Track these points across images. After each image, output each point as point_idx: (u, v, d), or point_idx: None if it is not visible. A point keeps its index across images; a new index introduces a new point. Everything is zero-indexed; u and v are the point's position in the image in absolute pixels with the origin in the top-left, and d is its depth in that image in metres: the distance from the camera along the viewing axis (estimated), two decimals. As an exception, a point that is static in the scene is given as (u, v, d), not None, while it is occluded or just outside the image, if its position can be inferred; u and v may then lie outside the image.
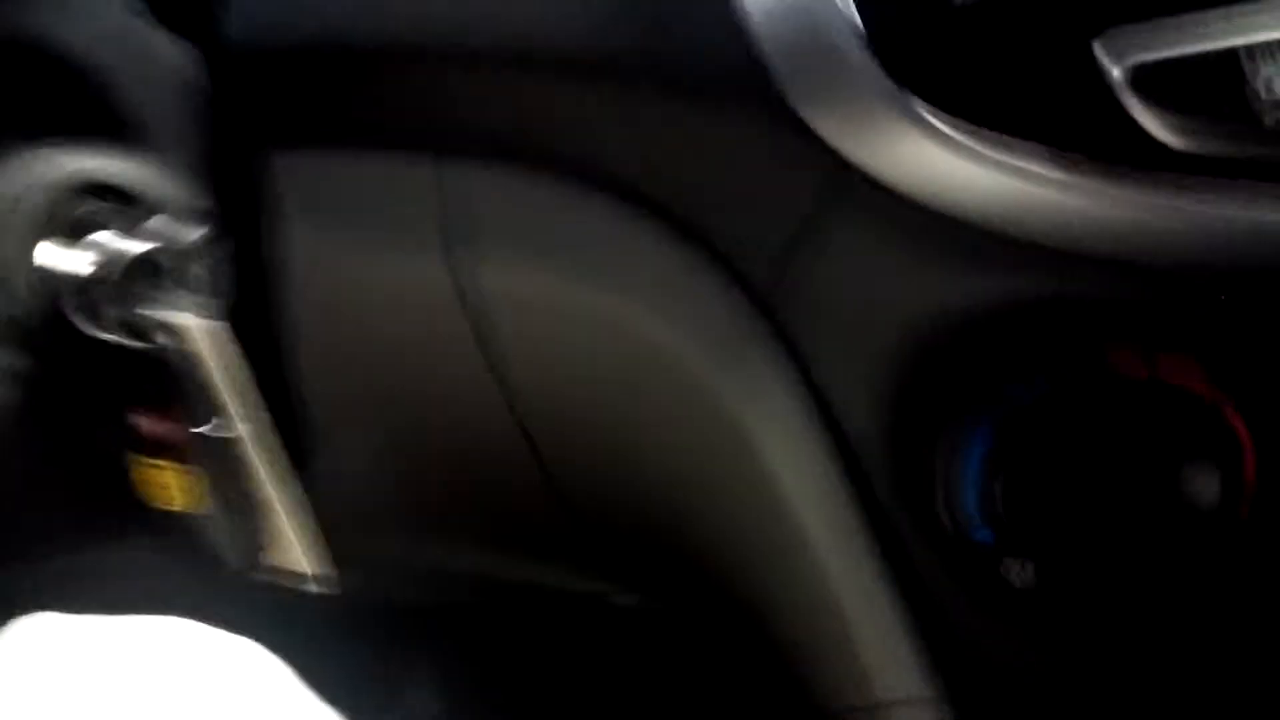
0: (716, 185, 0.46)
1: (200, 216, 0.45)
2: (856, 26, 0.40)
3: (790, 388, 0.46)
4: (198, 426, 0.44)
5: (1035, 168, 0.38)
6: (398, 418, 0.52)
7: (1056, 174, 0.38)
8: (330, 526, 0.51)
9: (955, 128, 0.39)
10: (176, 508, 0.45)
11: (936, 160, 0.40)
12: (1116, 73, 0.37)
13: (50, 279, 0.44)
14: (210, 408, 0.44)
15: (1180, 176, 0.37)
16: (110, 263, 0.44)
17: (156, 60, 0.47)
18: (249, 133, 0.49)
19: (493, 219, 0.48)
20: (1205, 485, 0.40)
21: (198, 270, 0.47)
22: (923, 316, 0.42)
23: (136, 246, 0.44)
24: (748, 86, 0.43)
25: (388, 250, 0.49)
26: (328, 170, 0.49)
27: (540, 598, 0.65)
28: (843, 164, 0.42)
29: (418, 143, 0.49)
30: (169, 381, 0.44)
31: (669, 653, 0.68)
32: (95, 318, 0.44)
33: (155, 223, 0.44)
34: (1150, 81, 0.37)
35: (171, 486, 0.44)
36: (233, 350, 0.44)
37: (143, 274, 0.45)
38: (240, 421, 0.44)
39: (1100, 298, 0.40)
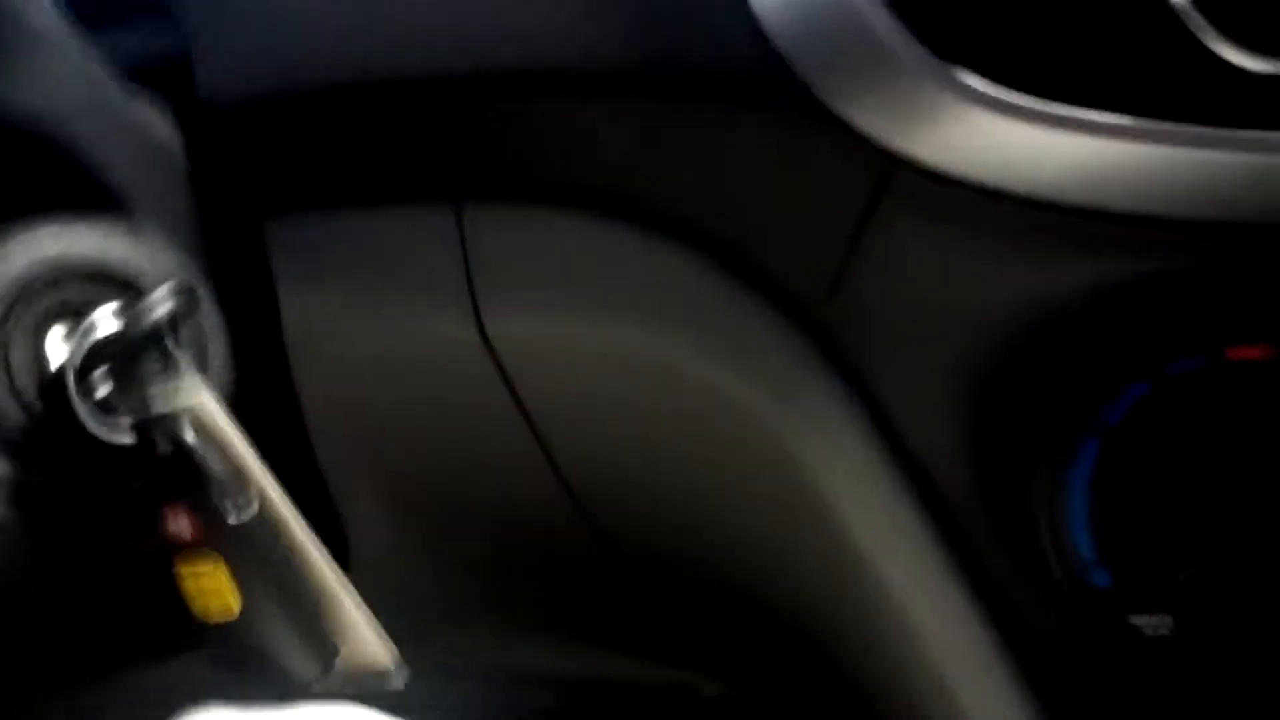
0: (755, 204, 0.41)
1: (196, 291, 0.42)
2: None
3: (858, 422, 0.41)
4: (233, 518, 0.40)
5: (1115, 121, 0.33)
6: (435, 495, 0.48)
7: (1140, 125, 0.32)
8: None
9: (1016, 94, 0.34)
10: (233, 614, 0.41)
11: (1000, 134, 0.35)
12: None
13: (51, 380, 0.41)
14: (243, 494, 0.40)
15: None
16: (105, 348, 0.40)
17: (132, 129, 0.45)
18: (243, 198, 0.47)
19: (521, 266, 0.44)
20: None
21: (200, 344, 0.44)
22: (1002, 318, 0.37)
23: (129, 328, 0.40)
24: (775, 91, 0.39)
25: (410, 311, 0.46)
26: (333, 231, 0.46)
27: (622, 694, 0.60)
28: (893, 159, 0.37)
29: (432, 191, 0.45)
30: (193, 480, 0.40)
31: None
32: (105, 414, 0.40)
33: (150, 301, 0.41)
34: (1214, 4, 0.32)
35: (224, 590, 0.41)
36: (227, 423, 0.40)
37: (143, 357, 0.42)
38: (277, 504, 0.40)
39: (1208, 270, 0.34)
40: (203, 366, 0.43)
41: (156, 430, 0.40)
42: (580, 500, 0.46)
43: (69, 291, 0.42)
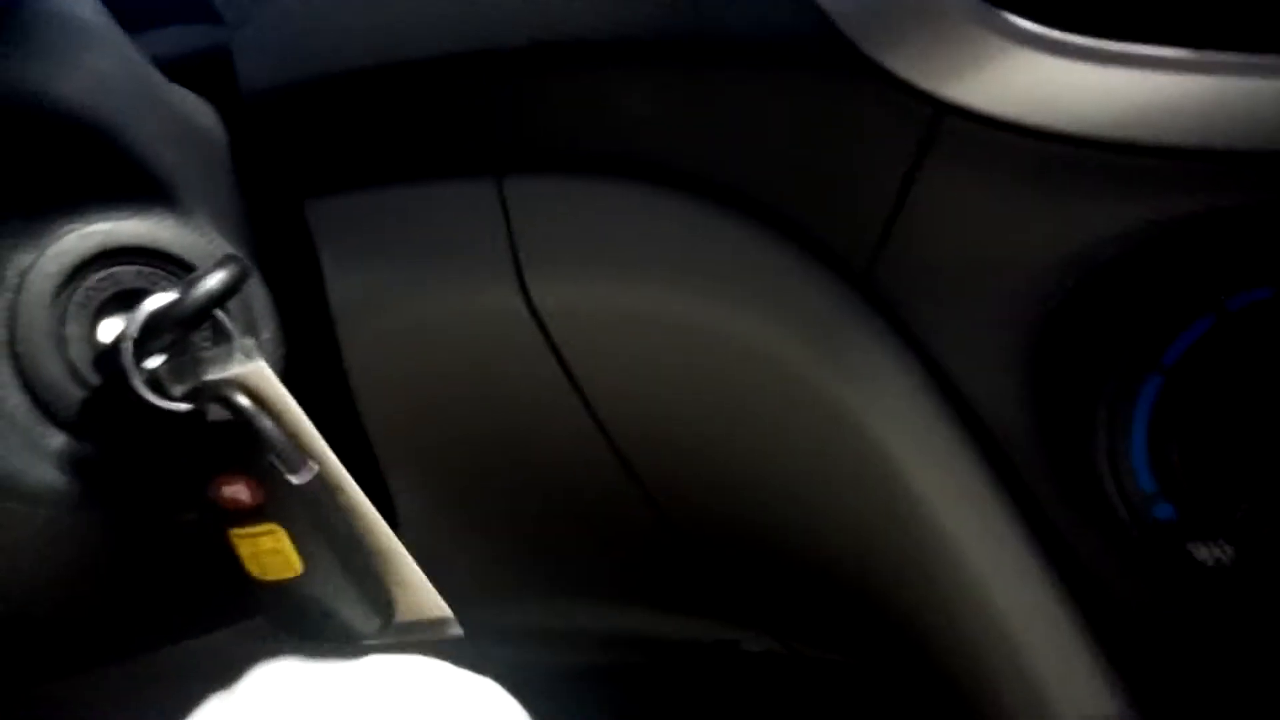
0: (801, 164, 0.41)
1: (244, 266, 0.43)
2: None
3: (913, 378, 0.41)
4: (275, 482, 0.41)
5: (1169, 54, 0.33)
6: (482, 462, 0.49)
7: (1195, 56, 0.32)
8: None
9: (1064, 33, 0.34)
10: (293, 574, 0.42)
11: (1050, 73, 0.35)
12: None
13: (106, 352, 0.42)
14: (302, 457, 0.41)
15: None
16: (157, 325, 0.41)
17: (176, 118, 0.46)
18: (286, 181, 0.47)
19: (565, 234, 0.44)
20: None
21: (250, 321, 0.45)
22: (1057, 262, 0.37)
23: (182, 304, 0.41)
24: (818, 48, 0.39)
25: (455, 283, 0.46)
26: (375, 208, 0.46)
27: (667, 651, 0.60)
28: (940, 107, 0.37)
29: (473, 165, 0.45)
30: (249, 445, 0.41)
31: (809, 700, 0.62)
32: (160, 389, 0.41)
33: (201, 276, 0.42)
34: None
35: (286, 551, 0.41)
36: (283, 391, 0.41)
37: (196, 333, 0.42)
38: (316, 463, 0.41)
39: (1268, 202, 0.34)
40: (250, 347, 0.43)
41: (212, 398, 0.41)
42: (629, 463, 0.47)
43: (120, 273, 0.43)
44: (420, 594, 0.42)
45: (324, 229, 0.46)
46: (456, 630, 0.42)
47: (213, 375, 0.41)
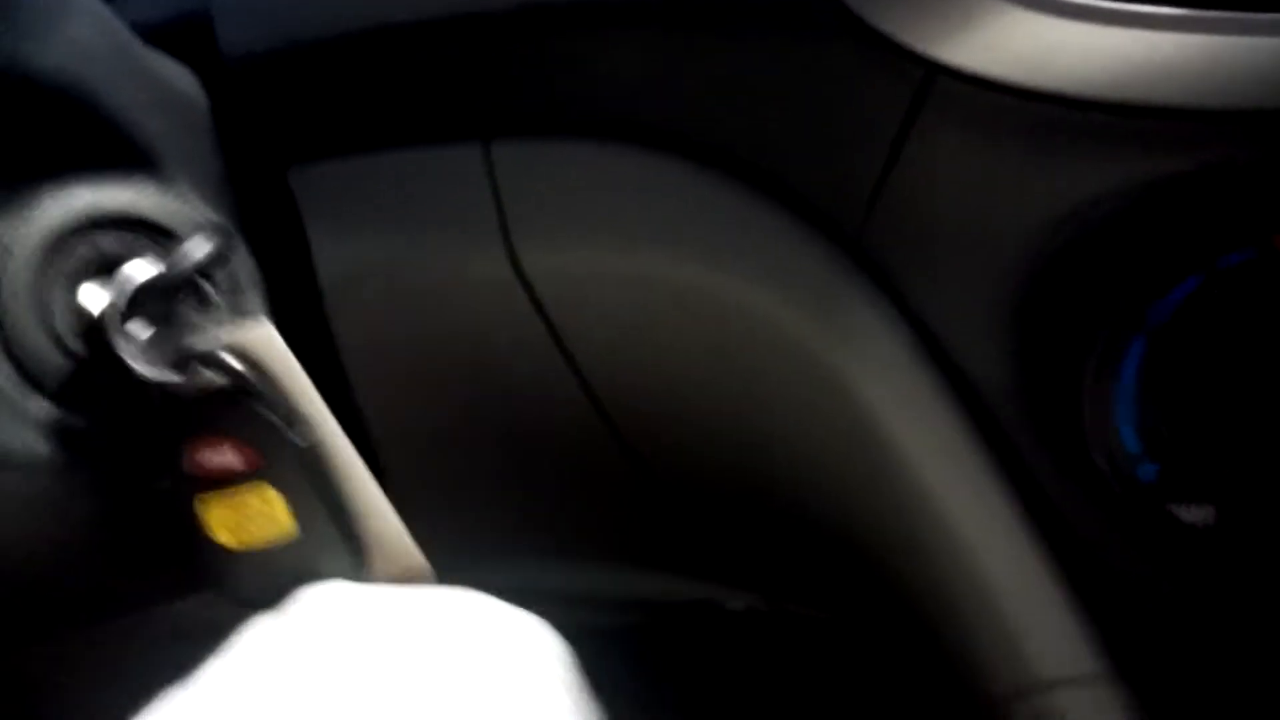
0: (791, 126, 0.41)
1: (230, 235, 0.42)
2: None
3: (901, 338, 0.41)
4: (274, 445, 0.41)
5: (1161, 12, 0.33)
6: (474, 428, 0.48)
7: (1186, 14, 0.33)
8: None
9: None
10: (280, 534, 0.42)
11: (1043, 32, 0.35)
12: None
13: (89, 321, 0.42)
14: (281, 426, 0.41)
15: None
16: (145, 294, 0.41)
17: (158, 86, 0.45)
18: (270, 148, 0.46)
19: (553, 198, 0.44)
20: None
21: (235, 288, 0.45)
22: (1047, 222, 0.37)
23: (169, 273, 0.41)
24: (807, 8, 0.39)
25: (443, 249, 0.46)
26: (360, 175, 0.46)
27: (648, 611, 0.61)
28: (931, 67, 0.37)
29: (459, 130, 0.45)
30: (242, 409, 0.41)
31: (789, 656, 0.63)
32: (145, 356, 0.41)
33: (187, 244, 0.41)
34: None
35: (274, 512, 0.41)
36: (289, 354, 0.41)
37: (182, 301, 0.42)
38: (319, 424, 0.41)
39: (1258, 161, 0.34)
40: (239, 309, 0.43)
41: (207, 365, 0.41)
42: (616, 425, 0.47)
43: (103, 241, 0.43)
44: (396, 550, 0.42)
45: (310, 196, 0.46)
46: (430, 581, 0.43)
47: (202, 343, 0.41)
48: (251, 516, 0.42)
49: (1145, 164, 0.35)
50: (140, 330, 0.42)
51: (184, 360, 0.41)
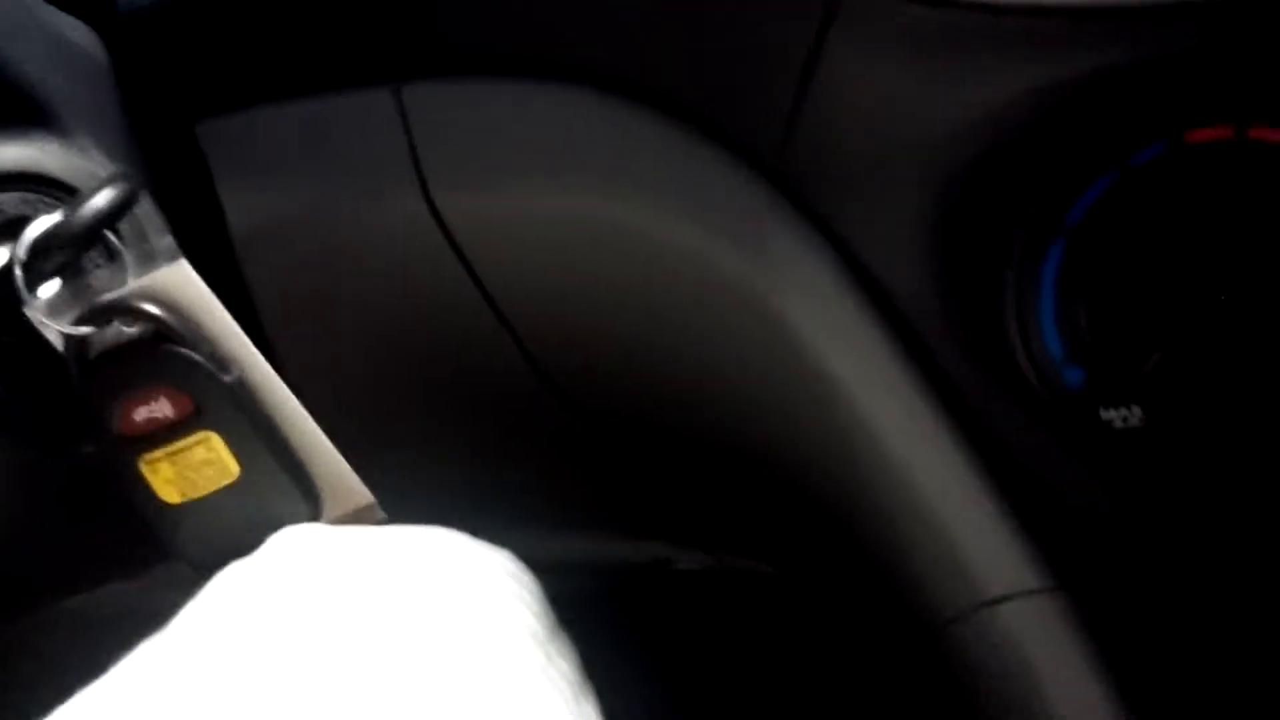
0: (703, 55, 0.41)
1: (133, 185, 0.41)
2: None
3: (826, 263, 0.41)
4: (206, 388, 0.40)
5: None
6: (401, 384, 0.48)
7: None
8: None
9: None
10: (229, 479, 0.41)
11: None
12: None
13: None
14: (212, 367, 0.40)
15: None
16: (46, 247, 0.40)
17: (55, 41, 0.44)
18: (175, 101, 0.45)
19: (468, 139, 0.44)
20: None
21: (143, 238, 0.44)
22: (961, 134, 0.37)
23: (70, 223, 0.40)
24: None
25: (358, 196, 0.45)
26: (269, 125, 0.45)
27: (595, 575, 0.61)
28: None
29: (368, 74, 0.44)
30: (168, 356, 0.40)
31: (740, 614, 0.63)
32: (52, 312, 0.40)
33: (89, 195, 0.40)
34: None
35: (219, 457, 0.41)
36: (209, 292, 0.40)
37: (88, 253, 0.41)
38: (248, 361, 0.40)
39: (1162, 57, 0.34)
40: (147, 258, 0.42)
41: (121, 314, 0.40)
42: (546, 372, 0.46)
43: (2, 200, 0.41)
44: (347, 484, 0.42)
45: (219, 150, 0.45)
46: (382, 516, 0.42)
47: (113, 291, 0.40)
48: (196, 467, 0.41)
49: (1047, 67, 0.35)
50: (46, 287, 0.40)
51: (96, 313, 0.40)
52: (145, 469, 0.41)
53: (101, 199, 0.40)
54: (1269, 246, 0.37)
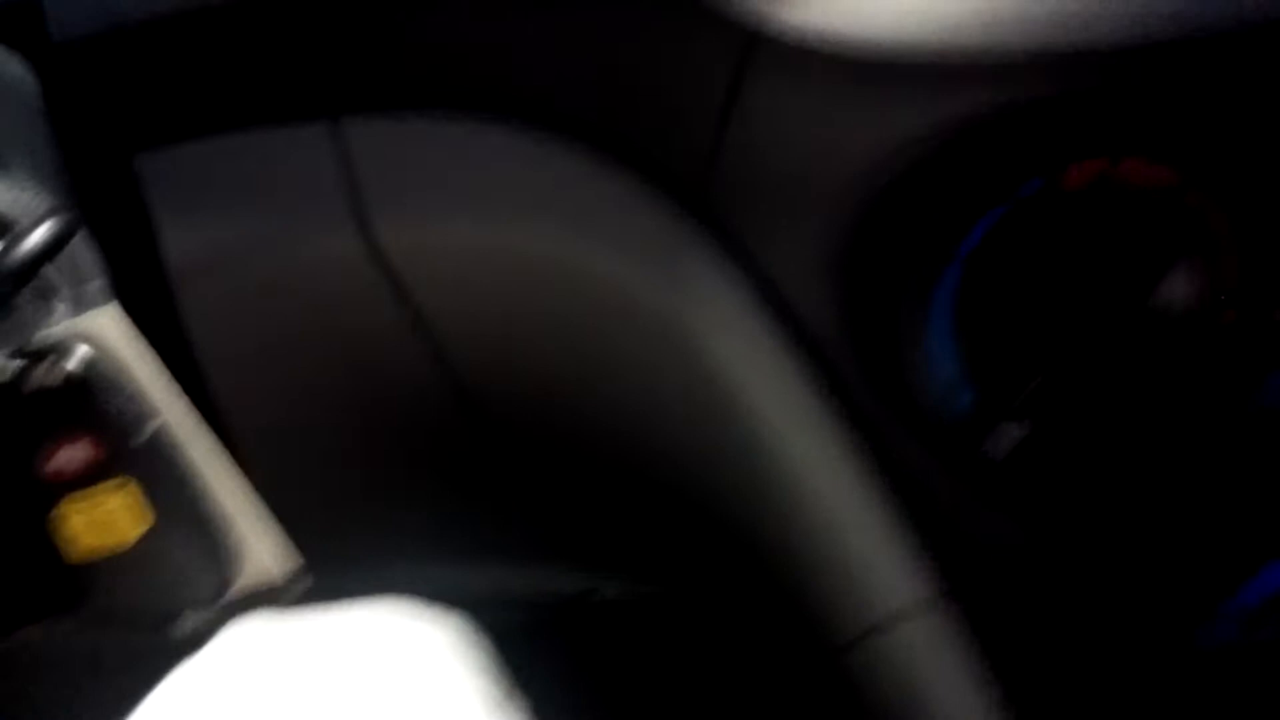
0: (629, 90, 0.44)
1: (68, 222, 0.41)
2: None
3: (743, 292, 0.44)
4: (127, 435, 0.40)
5: None
6: (330, 410, 0.49)
7: None
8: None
9: None
10: (145, 527, 0.41)
11: None
12: None
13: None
14: (137, 413, 0.40)
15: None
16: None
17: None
18: (110, 134, 0.46)
19: (401, 172, 0.45)
20: (1183, 288, 0.40)
21: (78, 276, 0.44)
22: (869, 166, 0.40)
23: (6, 263, 0.40)
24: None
25: (295, 230, 0.46)
26: (207, 159, 0.46)
27: (524, 608, 0.61)
28: (756, 34, 0.40)
29: (306, 109, 0.46)
30: (78, 402, 0.40)
31: (663, 639, 0.64)
32: None
33: (20, 232, 0.40)
34: None
35: (136, 505, 0.40)
36: (137, 338, 0.40)
37: (19, 290, 0.41)
38: (173, 417, 0.40)
39: (1044, 100, 0.38)
40: (81, 299, 0.42)
41: (49, 353, 0.40)
42: (478, 402, 0.48)
43: None
44: (258, 554, 0.42)
45: (156, 183, 0.46)
46: (291, 590, 0.42)
47: (44, 330, 0.40)
48: (114, 511, 0.41)
49: (943, 105, 0.39)
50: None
51: (26, 351, 0.40)
52: (59, 515, 0.41)
53: (38, 235, 0.40)
54: (1134, 278, 0.40)
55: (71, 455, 0.41)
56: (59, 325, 0.40)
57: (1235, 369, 0.41)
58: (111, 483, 0.41)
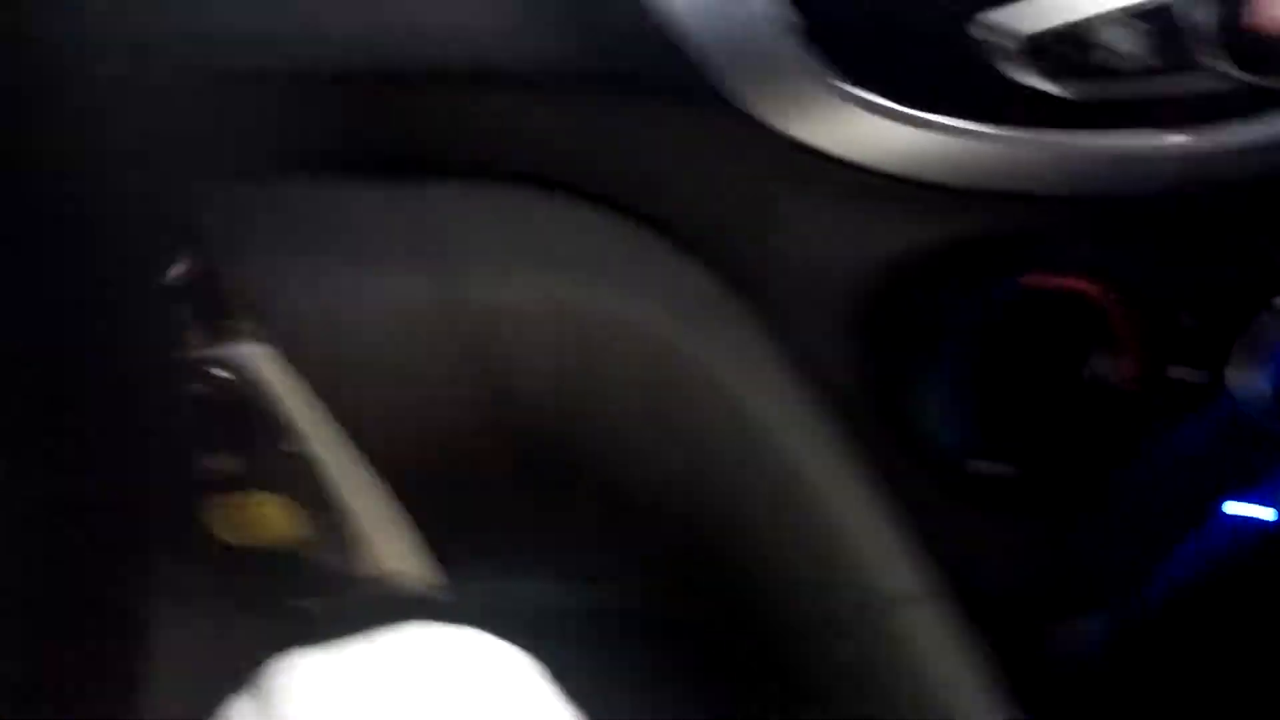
0: (674, 179, 0.51)
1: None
2: (787, 19, 0.47)
3: (776, 355, 0.52)
4: (273, 452, 0.44)
5: (954, 123, 0.48)
6: (400, 446, 0.51)
7: (973, 126, 0.48)
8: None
9: (884, 99, 0.48)
10: (278, 538, 0.45)
11: (872, 128, 0.48)
12: (1012, 44, 0.47)
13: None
14: (281, 430, 0.44)
15: (1063, 119, 0.48)
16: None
17: None
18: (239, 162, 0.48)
19: (479, 236, 0.51)
20: (1106, 368, 0.53)
21: (234, 306, 0.46)
22: (875, 265, 0.51)
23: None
24: (688, 86, 0.49)
25: (378, 276, 0.50)
26: (319, 199, 0.50)
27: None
28: (788, 144, 0.49)
29: (399, 169, 0.50)
30: (226, 418, 0.44)
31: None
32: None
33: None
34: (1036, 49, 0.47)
35: (271, 516, 0.44)
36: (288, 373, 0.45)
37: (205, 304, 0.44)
38: (317, 435, 0.45)
39: (1013, 230, 0.51)
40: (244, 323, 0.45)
41: (213, 378, 0.44)
42: (531, 442, 0.52)
43: None
44: (393, 551, 0.46)
45: (273, 215, 0.49)
46: (422, 583, 0.47)
47: (216, 351, 0.43)
48: (271, 514, 0.44)
49: (939, 224, 0.50)
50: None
51: (201, 359, 0.43)
52: (210, 514, 0.45)
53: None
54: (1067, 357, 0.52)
55: (223, 461, 0.44)
56: (212, 347, 0.44)
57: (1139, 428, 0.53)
58: (253, 494, 0.44)
